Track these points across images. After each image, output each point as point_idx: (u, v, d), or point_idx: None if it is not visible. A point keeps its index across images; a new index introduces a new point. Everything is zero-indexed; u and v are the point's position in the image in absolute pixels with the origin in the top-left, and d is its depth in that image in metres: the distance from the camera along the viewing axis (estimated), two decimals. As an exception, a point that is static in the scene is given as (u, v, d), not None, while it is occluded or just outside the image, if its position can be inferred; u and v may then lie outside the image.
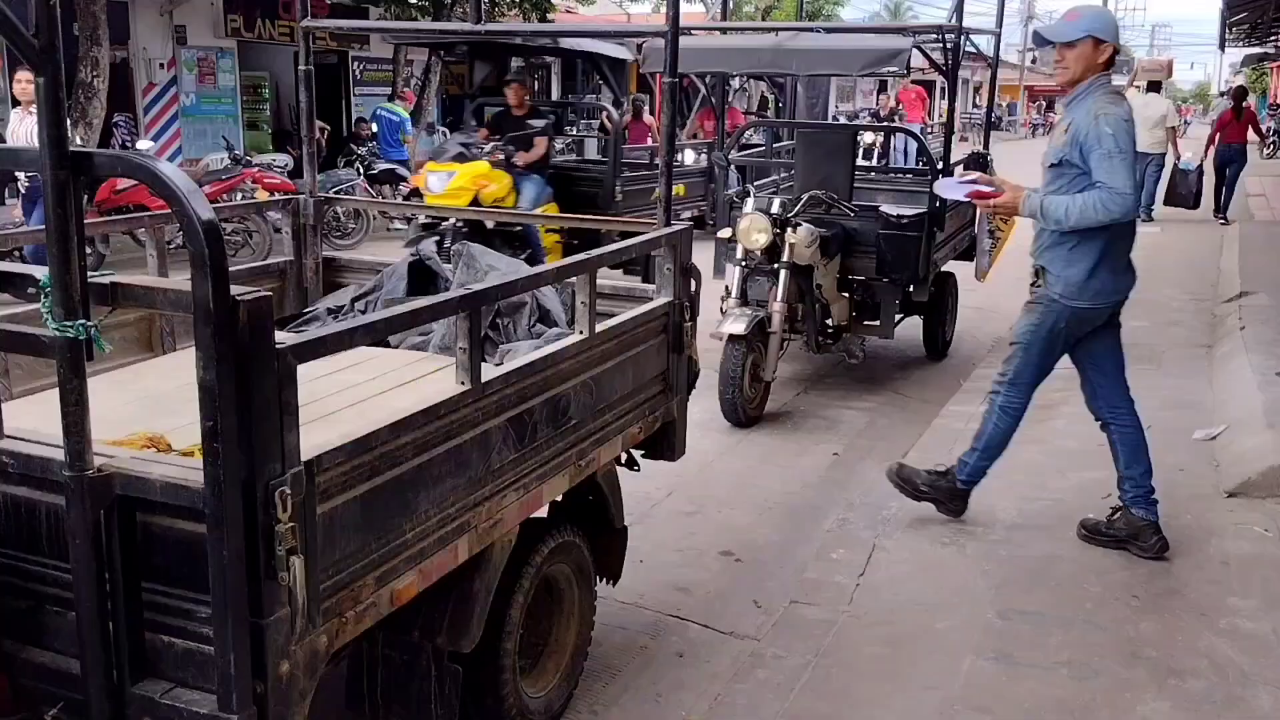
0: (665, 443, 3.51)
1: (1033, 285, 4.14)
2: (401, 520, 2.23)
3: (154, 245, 3.49)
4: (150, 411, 2.72)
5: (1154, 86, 15.41)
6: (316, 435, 2.04)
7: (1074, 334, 4.08)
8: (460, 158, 8.65)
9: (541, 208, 8.49)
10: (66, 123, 1.75)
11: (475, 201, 8.20)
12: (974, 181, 4.32)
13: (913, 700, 3.21)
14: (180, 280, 1.83)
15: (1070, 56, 3.89)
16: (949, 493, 4.44)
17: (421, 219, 8.90)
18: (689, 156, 12.40)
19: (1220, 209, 14.35)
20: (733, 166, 11.06)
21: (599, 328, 2.94)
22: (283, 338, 1.90)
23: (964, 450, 4.43)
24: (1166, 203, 14.37)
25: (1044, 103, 55.67)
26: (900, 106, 19.79)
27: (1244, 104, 14.96)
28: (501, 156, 8.49)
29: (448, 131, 18.30)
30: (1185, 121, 29.89)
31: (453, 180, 8.17)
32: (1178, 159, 14.30)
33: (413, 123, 15.08)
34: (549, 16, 17.10)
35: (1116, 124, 3.75)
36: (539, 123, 9.01)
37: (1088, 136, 3.76)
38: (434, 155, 9.10)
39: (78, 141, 10.66)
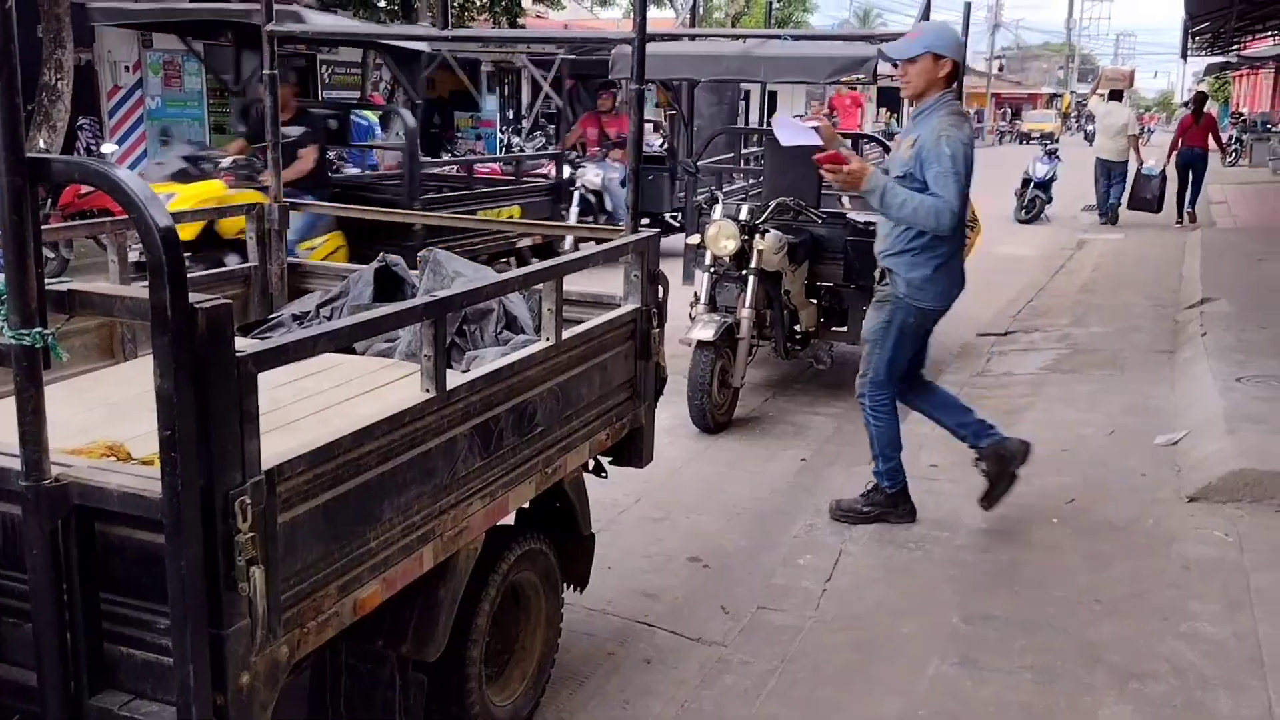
0: (633, 449, 3.50)
1: (879, 284, 4.35)
2: (365, 529, 2.21)
3: (115, 251, 3.45)
4: (110, 419, 2.69)
5: (1116, 95, 15.73)
6: (279, 443, 2.02)
7: (920, 330, 4.35)
8: (183, 175, 6.89)
9: (318, 237, 6.99)
10: (22, 127, 1.73)
11: (210, 232, 6.42)
12: (817, 129, 4.28)
13: (878, 705, 3.22)
14: (138, 288, 1.82)
15: (912, 71, 4.13)
16: (889, 501, 4.52)
17: (133, 256, 7.97)
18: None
19: (1182, 213, 14.66)
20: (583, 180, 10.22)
21: (566, 334, 2.93)
22: (243, 345, 1.89)
23: (875, 464, 4.56)
24: (1130, 206, 14.72)
25: (1009, 110, 56.25)
26: (835, 114, 19.40)
27: (1203, 109, 15.28)
28: (245, 172, 6.92)
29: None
30: (1149, 130, 30.34)
31: (170, 204, 6.21)
32: (1140, 165, 14.62)
33: (382, 127, 15.01)
34: (519, 21, 17.09)
35: (956, 146, 4.00)
36: (295, 131, 7.11)
37: (929, 154, 4.01)
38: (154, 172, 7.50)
39: (41, 145, 10.55)
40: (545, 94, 11.09)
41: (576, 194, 10.34)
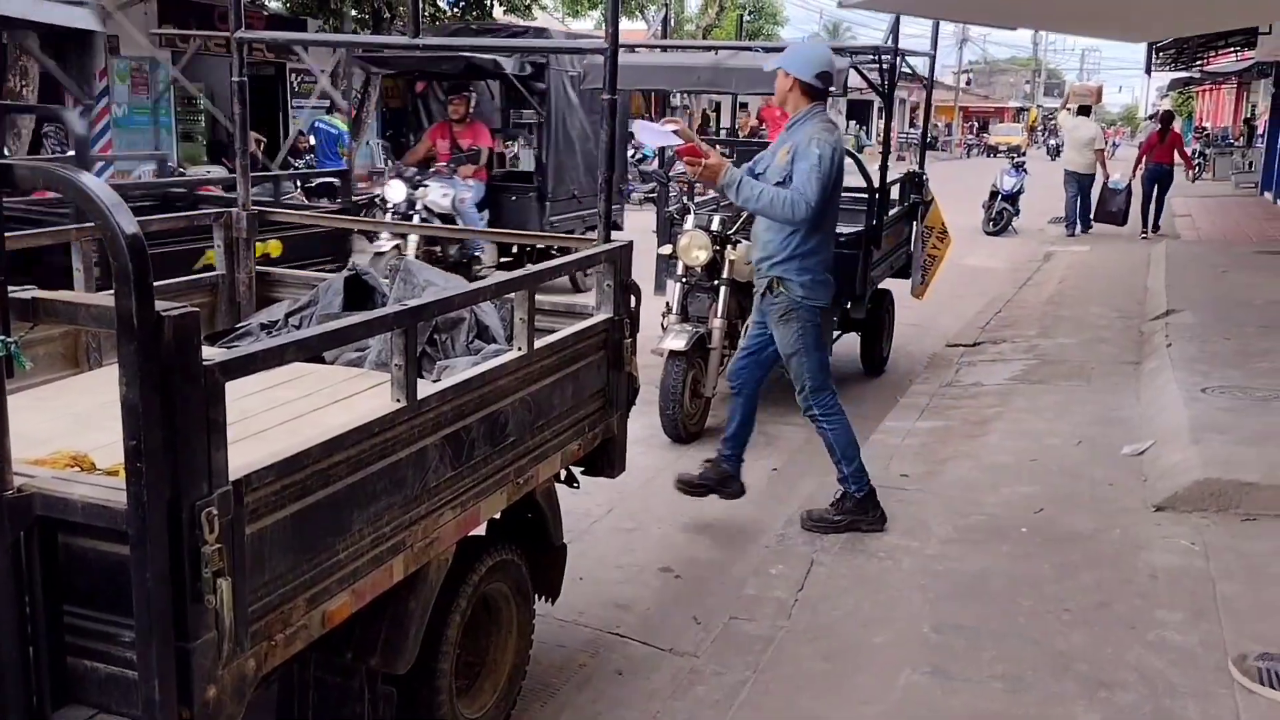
0: (605, 459, 3.50)
1: (770, 298, 4.46)
2: (334, 540, 2.19)
3: (80, 258, 3.41)
4: (74, 429, 2.65)
5: (1084, 110, 16.04)
6: (247, 453, 2.00)
7: (820, 326, 4.52)
8: None
9: None
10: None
11: None
12: (677, 133, 4.36)
13: (850, 715, 3.22)
14: (103, 295, 1.79)
15: (775, 85, 4.43)
16: (859, 508, 4.55)
17: None
18: (396, 192, 8.81)
19: (1147, 225, 14.96)
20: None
21: (538, 344, 2.92)
22: (211, 354, 1.86)
23: (839, 471, 4.60)
24: (1097, 219, 15.04)
25: (977, 123, 56.82)
26: (764, 125, 19.02)
27: (1169, 126, 15.57)
28: None
29: (388, 145, 18.21)
30: (1114, 144, 30.74)
31: None
32: (1106, 178, 14.93)
33: (351, 135, 14.91)
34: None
35: (824, 149, 4.20)
36: None
37: (800, 154, 4.22)
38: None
39: (5, 152, 10.39)
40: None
41: (417, 219, 8.61)
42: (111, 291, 1.69)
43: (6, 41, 10.80)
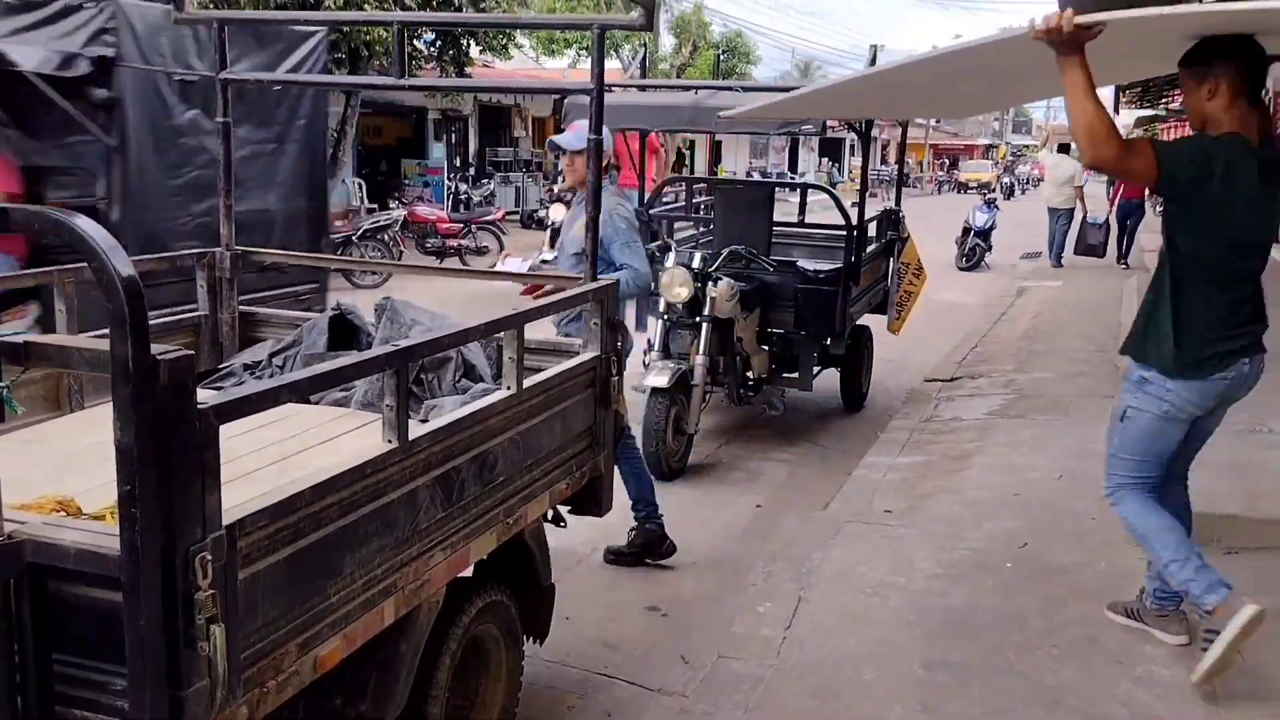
0: (593, 498, 3.48)
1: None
2: (326, 584, 2.17)
3: (63, 300, 3.37)
4: (58, 473, 2.61)
5: (1064, 148, 16.49)
6: (236, 495, 1.98)
7: None
8: None
9: None
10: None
11: None
12: (533, 269, 4.62)
13: (842, 754, 3.20)
14: (90, 338, 1.77)
15: (579, 161, 4.46)
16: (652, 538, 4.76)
17: None
18: None
19: (1122, 256, 15.31)
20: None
21: (527, 383, 2.92)
22: (205, 397, 1.85)
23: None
24: (1077, 252, 15.44)
25: (947, 160, 57.52)
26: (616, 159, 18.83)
27: None
28: None
29: (363, 183, 18.24)
30: (1085, 179, 31.31)
31: None
32: (1085, 213, 15.33)
33: (329, 174, 14.90)
34: (466, 71, 17.15)
35: (628, 220, 4.53)
36: None
37: (607, 230, 4.39)
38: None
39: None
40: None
41: None
42: (101, 333, 1.68)
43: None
